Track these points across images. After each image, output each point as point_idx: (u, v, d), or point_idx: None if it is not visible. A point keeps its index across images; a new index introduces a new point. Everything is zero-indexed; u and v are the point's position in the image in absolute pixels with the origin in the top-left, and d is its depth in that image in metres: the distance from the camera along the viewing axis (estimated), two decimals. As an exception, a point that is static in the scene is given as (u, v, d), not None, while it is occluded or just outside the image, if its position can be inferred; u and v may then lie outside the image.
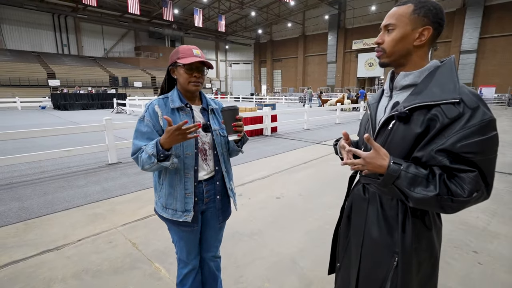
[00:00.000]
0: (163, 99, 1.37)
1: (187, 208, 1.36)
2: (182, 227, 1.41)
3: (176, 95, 1.37)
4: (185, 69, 1.31)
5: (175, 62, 1.33)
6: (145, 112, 1.34)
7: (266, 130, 8.89)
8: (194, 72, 1.33)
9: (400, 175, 0.87)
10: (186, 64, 1.30)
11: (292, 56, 41.08)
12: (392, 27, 0.96)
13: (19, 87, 25.90)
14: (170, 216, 1.37)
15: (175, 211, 1.37)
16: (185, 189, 1.35)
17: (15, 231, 2.82)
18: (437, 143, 0.85)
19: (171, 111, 1.34)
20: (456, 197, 0.82)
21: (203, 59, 1.32)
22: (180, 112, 1.36)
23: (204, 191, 1.42)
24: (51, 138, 7.61)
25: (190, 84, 1.34)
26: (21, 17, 30.04)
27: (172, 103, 1.35)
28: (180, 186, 1.35)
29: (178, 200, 1.36)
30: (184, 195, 1.36)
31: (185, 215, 1.36)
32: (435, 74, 0.92)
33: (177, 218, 1.37)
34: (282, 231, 2.86)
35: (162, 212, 1.39)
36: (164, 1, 27.84)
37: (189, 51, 1.32)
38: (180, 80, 1.36)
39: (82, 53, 35.08)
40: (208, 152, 1.42)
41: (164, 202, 1.38)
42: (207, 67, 1.38)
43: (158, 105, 1.34)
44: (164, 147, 1.21)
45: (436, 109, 0.86)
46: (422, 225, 0.97)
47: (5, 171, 4.82)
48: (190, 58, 1.30)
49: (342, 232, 1.23)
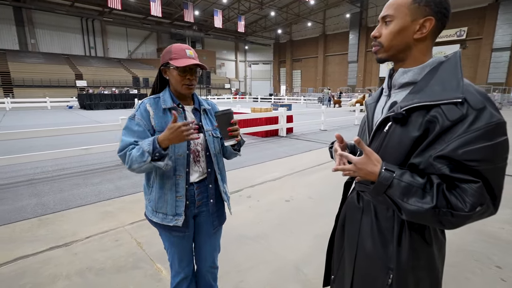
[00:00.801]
0: (155, 99, 1.33)
1: (178, 212, 1.32)
2: (173, 232, 1.36)
3: (168, 95, 1.33)
4: (178, 71, 1.27)
5: (168, 63, 1.28)
6: (136, 111, 1.30)
7: (281, 131, 8.78)
8: (187, 74, 1.28)
9: (392, 184, 0.77)
10: (179, 66, 1.24)
11: (312, 56, 40.54)
12: (389, 18, 0.86)
13: (50, 88, 27.42)
14: (160, 221, 1.33)
15: (166, 215, 1.32)
16: (176, 192, 1.31)
17: (29, 226, 2.93)
18: (436, 148, 0.74)
19: (163, 111, 1.30)
20: (456, 211, 0.71)
21: (197, 61, 1.28)
22: (172, 112, 1.32)
23: (196, 194, 1.37)
24: (72, 136, 7.92)
25: (184, 86, 1.30)
26: (52, 21, 31.77)
27: (164, 104, 1.31)
28: (170, 189, 1.30)
29: (169, 203, 1.31)
30: (175, 198, 1.31)
31: (175, 219, 1.32)
32: (437, 71, 0.82)
33: (167, 222, 1.32)
34: (288, 235, 2.77)
35: (152, 216, 1.35)
36: (185, 3, 28.41)
37: (182, 52, 1.26)
38: (172, 81, 1.32)
39: (108, 55, 36.57)
40: (200, 153, 1.37)
41: (154, 205, 1.33)
42: (200, 68, 1.33)
43: (149, 104, 1.31)
44: (162, 146, 1.15)
45: (436, 109, 0.76)
46: (421, 239, 0.86)
47: (27, 167, 5.07)
48: (183, 60, 1.25)
49: (337, 243, 1.14)
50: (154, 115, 1.28)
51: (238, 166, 5.21)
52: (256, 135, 8.68)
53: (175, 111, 1.31)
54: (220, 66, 46.53)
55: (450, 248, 2.44)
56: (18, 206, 3.41)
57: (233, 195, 3.81)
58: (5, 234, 2.76)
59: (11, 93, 25.52)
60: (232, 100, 33.35)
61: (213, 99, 30.12)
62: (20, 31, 30.65)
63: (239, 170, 5.03)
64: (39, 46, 32.05)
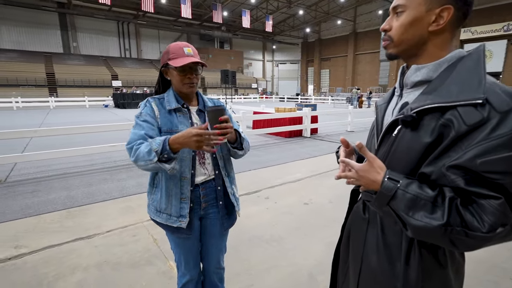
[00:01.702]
0: (159, 99, 1.32)
1: (182, 213, 1.30)
2: (177, 234, 1.35)
3: (172, 95, 1.31)
4: (178, 71, 1.25)
5: (167, 63, 1.26)
6: (142, 109, 1.29)
7: (305, 132, 8.61)
8: (187, 73, 1.26)
9: (395, 195, 0.68)
10: (178, 67, 1.22)
11: (341, 55, 39.44)
12: (401, 9, 0.77)
13: (88, 88, 29.35)
14: (164, 221, 1.32)
15: (170, 216, 1.31)
16: (180, 193, 1.29)
17: (58, 218, 3.12)
18: (451, 156, 0.64)
19: (168, 112, 1.29)
20: (471, 231, 0.61)
21: (196, 58, 1.25)
22: (177, 113, 1.30)
23: (201, 195, 1.34)
24: (104, 134, 8.35)
25: (185, 86, 1.28)
26: (92, 25, 33.93)
27: (168, 104, 1.29)
28: (175, 190, 1.29)
29: (173, 204, 1.30)
30: (180, 199, 1.29)
31: (179, 220, 1.30)
32: (456, 68, 0.71)
33: (171, 223, 1.31)
34: (304, 239, 2.68)
35: (156, 216, 1.34)
36: (214, 4, 28.93)
37: (180, 51, 1.24)
38: (173, 82, 1.30)
39: (141, 56, 38.31)
40: (206, 155, 1.35)
41: (158, 206, 1.33)
42: (201, 65, 1.30)
43: (154, 103, 1.29)
44: (172, 148, 1.11)
45: (451, 112, 0.66)
46: (432, 260, 0.76)
47: (62, 162, 5.42)
48: (181, 59, 1.22)
49: (342, 255, 1.06)
50: (160, 115, 1.27)
51: (258, 166, 5.18)
52: (279, 135, 8.58)
53: (179, 112, 1.30)
54: (247, 66, 46.83)
55: (481, 265, 2.21)
56: (50, 198, 3.65)
57: (251, 195, 3.78)
58: (37, 224, 2.96)
59: (55, 93, 27.65)
60: (259, 99, 33.41)
61: (239, 99, 30.40)
62: (64, 35, 33.08)
63: (259, 170, 4.99)
64: (80, 49, 34.38)
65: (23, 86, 26.78)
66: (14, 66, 27.49)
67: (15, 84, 26.55)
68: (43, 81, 28.01)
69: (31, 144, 7.17)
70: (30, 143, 7.29)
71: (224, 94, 12.70)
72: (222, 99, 24.19)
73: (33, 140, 7.64)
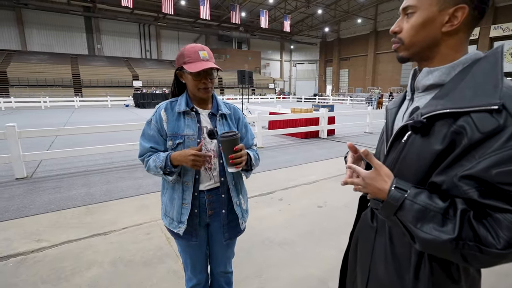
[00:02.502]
0: (172, 102, 1.34)
1: (182, 219, 1.30)
2: (179, 239, 1.36)
3: (184, 98, 1.32)
4: (193, 76, 1.24)
5: (182, 67, 1.26)
6: (153, 115, 1.32)
7: (322, 133, 8.48)
8: (202, 78, 1.25)
9: (403, 205, 0.65)
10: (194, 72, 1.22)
11: (361, 54, 38.54)
12: (411, 9, 0.73)
13: (111, 88, 30.44)
14: (167, 225, 1.34)
15: (172, 220, 1.32)
16: (182, 198, 1.29)
17: (78, 214, 3.24)
18: (464, 166, 0.60)
19: (177, 115, 1.30)
20: (485, 247, 0.56)
21: (211, 62, 1.24)
22: (186, 116, 1.30)
23: (207, 202, 1.33)
24: (125, 132, 8.61)
25: (200, 91, 1.27)
26: (115, 28, 35.18)
27: (178, 107, 1.30)
28: (178, 194, 1.30)
29: (175, 209, 1.31)
30: (181, 205, 1.30)
31: (179, 226, 1.31)
32: (470, 71, 0.66)
33: (173, 228, 1.32)
34: (317, 243, 2.63)
35: (163, 218, 1.36)
36: (232, 5, 29.14)
37: (195, 54, 1.23)
38: (188, 85, 1.30)
39: (161, 57, 39.24)
40: (212, 160, 1.32)
41: (165, 208, 1.35)
42: (216, 69, 1.29)
43: (164, 109, 1.31)
44: (173, 163, 1.21)
45: (464, 118, 0.61)
46: (443, 274, 0.71)
47: (84, 160, 5.64)
48: (196, 64, 1.21)
49: (350, 263, 1.02)
50: (168, 120, 1.29)
51: (273, 167, 5.15)
52: (295, 136, 8.51)
53: (187, 115, 1.30)
54: (265, 66, 46.80)
55: (504, 279, 2.07)
56: (71, 195, 3.80)
57: (264, 196, 3.76)
58: (57, 219, 3.09)
59: (80, 93, 28.90)
60: (276, 100, 33.31)
61: (256, 99, 30.43)
62: (89, 38, 34.51)
63: (274, 171, 4.96)
64: (103, 50, 35.72)
65: (50, 87, 28.19)
66: (43, 68, 29.01)
67: (43, 84, 28.00)
68: (69, 82, 29.33)
69: (56, 142, 7.52)
70: (56, 141, 7.65)
71: (240, 94, 12.74)
72: (238, 99, 24.31)
73: (58, 138, 8.01)
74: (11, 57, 29.43)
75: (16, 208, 3.39)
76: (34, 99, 22.57)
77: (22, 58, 29.81)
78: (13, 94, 25.89)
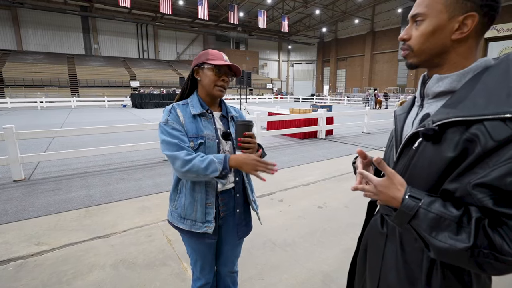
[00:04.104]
0: (183, 105, 1.31)
1: (208, 218, 1.29)
2: (200, 239, 1.34)
3: (197, 100, 1.31)
4: (215, 71, 1.27)
5: (204, 63, 1.28)
6: (168, 115, 1.26)
7: (320, 133, 8.50)
8: (222, 75, 1.28)
9: (417, 214, 0.65)
10: (217, 66, 1.25)
11: (358, 54, 38.73)
12: (421, 17, 0.73)
13: (108, 88, 30.27)
14: (188, 228, 1.31)
15: (195, 222, 1.30)
16: (206, 199, 1.29)
17: (77, 216, 3.22)
18: (477, 173, 0.60)
19: (193, 117, 1.28)
20: (501, 255, 0.57)
21: (234, 64, 1.30)
22: (202, 118, 1.29)
23: (220, 205, 1.33)
24: (123, 134, 8.59)
25: (216, 88, 1.28)
26: (112, 27, 35.03)
27: (193, 109, 1.28)
28: (201, 195, 1.29)
29: (199, 210, 1.29)
30: (205, 205, 1.29)
31: (205, 226, 1.29)
32: (481, 78, 0.67)
33: (196, 229, 1.29)
34: (317, 245, 2.63)
35: (179, 223, 1.33)
36: (230, 5, 29.11)
37: (219, 55, 1.29)
38: (205, 82, 1.29)
39: (159, 57, 39.12)
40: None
41: (182, 212, 1.31)
42: (234, 74, 1.34)
43: (179, 109, 1.29)
44: (230, 165, 1.18)
45: (477, 126, 0.61)
46: (456, 280, 0.72)
47: (82, 161, 5.61)
48: (221, 61, 1.26)
49: (359, 267, 1.02)
50: (185, 121, 1.27)
51: (272, 168, 5.15)
52: (294, 136, 8.52)
53: (203, 117, 1.30)
54: (262, 66, 46.82)
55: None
56: (70, 197, 3.78)
57: (264, 198, 3.76)
58: (57, 222, 3.07)
59: (77, 93, 28.71)
60: (273, 100, 33.32)
61: (254, 99, 30.43)
62: (86, 38, 34.31)
63: (273, 172, 4.96)
64: (101, 50, 35.54)
65: (47, 87, 27.98)
66: (39, 68, 28.79)
67: (39, 84, 27.78)
68: (66, 82, 29.12)
69: (54, 143, 7.47)
70: (53, 142, 7.59)
71: (238, 94, 12.71)
72: (236, 99, 24.26)
73: (55, 139, 7.95)
74: (6, 57, 29.19)
75: (15, 210, 3.36)
76: (30, 99, 22.40)
77: (17, 58, 29.58)
78: (8, 94, 25.68)
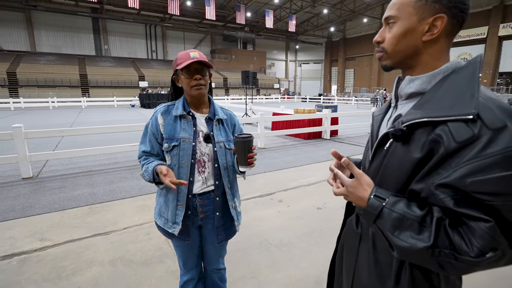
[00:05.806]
0: (169, 106, 1.37)
1: (177, 220, 1.33)
2: (173, 238, 1.39)
3: (181, 102, 1.35)
4: (185, 74, 1.27)
5: (176, 70, 1.30)
6: (150, 119, 1.36)
7: (325, 133, 8.45)
8: (193, 75, 1.28)
9: (381, 214, 0.66)
10: (184, 68, 1.25)
11: (367, 54, 38.27)
12: (393, 20, 0.74)
13: (117, 88, 30.78)
14: (162, 225, 1.37)
15: (167, 221, 1.35)
16: (177, 200, 1.32)
17: (80, 213, 3.30)
18: (441, 174, 0.61)
19: (174, 118, 1.32)
20: (460, 255, 0.57)
21: (201, 58, 1.25)
22: (182, 120, 1.32)
23: (198, 206, 1.35)
24: (129, 133, 8.70)
25: (193, 88, 1.29)
26: (121, 29, 35.58)
27: (175, 111, 1.33)
28: (172, 196, 1.33)
29: (170, 210, 1.34)
30: (176, 206, 1.32)
31: (173, 227, 1.34)
32: (449, 80, 0.67)
33: (167, 228, 1.35)
34: (314, 245, 2.63)
35: (157, 219, 1.39)
36: (238, 6, 29.21)
37: (186, 56, 1.26)
38: (184, 87, 1.32)
39: (167, 58, 39.52)
40: (206, 164, 1.34)
41: (159, 209, 1.38)
42: (207, 67, 1.31)
43: (161, 113, 1.34)
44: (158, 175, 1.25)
45: (441, 127, 0.62)
46: (424, 281, 0.72)
47: (89, 160, 5.73)
48: (186, 61, 1.24)
49: (337, 266, 1.03)
50: (164, 124, 1.32)
51: (274, 169, 5.16)
52: (298, 136, 8.50)
53: (184, 119, 1.32)
54: (270, 66, 46.79)
55: (502, 282, 2.05)
56: (74, 195, 3.87)
57: (264, 198, 3.77)
58: (61, 219, 3.15)
59: (87, 93, 29.28)
60: (280, 100, 33.28)
61: (261, 99, 30.45)
62: (96, 39, 34.95)
63: (274, 172, 4.97)
64: (110, 51, 36.13)
65: (58, 87, 28.62)
66: (51, 68, 29.48)
67: (51, 85, 28.44)
68: (77, 82, 29.73)
69: (62, 142, 7.64)
70: (62, 141, 7.77)
71: (245, 94, 12.76)
72: (243, 100, 24.31)
73: (64, 138, 8.13)
74: (20, 58, 29.98)
75: (22, 207, 3.46)
76: (42, 99, 22.95)
77: (31, 59, 30.34)
78: (22, 94, 26.38)
